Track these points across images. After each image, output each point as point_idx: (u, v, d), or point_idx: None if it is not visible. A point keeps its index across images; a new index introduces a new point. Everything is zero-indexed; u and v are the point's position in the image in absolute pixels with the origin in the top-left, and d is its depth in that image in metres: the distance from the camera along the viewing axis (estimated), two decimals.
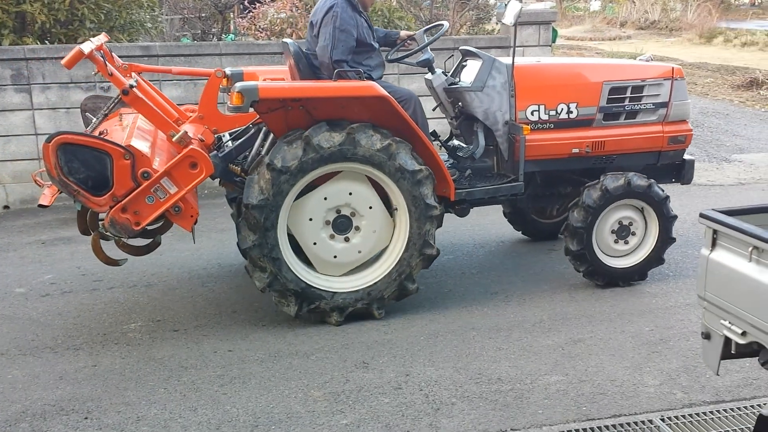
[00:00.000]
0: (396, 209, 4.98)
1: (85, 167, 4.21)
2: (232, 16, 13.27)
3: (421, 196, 4.85)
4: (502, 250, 6.44)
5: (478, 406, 3.93)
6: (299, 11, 9.28)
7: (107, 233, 4.46)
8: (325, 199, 4.84)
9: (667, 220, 5.42)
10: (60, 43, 8.61)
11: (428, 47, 5.46)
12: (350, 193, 4.87)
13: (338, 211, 4.89)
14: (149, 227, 4.71)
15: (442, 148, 5.67)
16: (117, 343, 4.70)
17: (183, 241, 6.63)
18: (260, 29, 9.33)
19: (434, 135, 5.54)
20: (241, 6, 12.46)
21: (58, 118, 7.95)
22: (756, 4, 39.75)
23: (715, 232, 2.74)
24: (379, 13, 9.09)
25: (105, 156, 4.22)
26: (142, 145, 4.57)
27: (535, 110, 5.38)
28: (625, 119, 5.60)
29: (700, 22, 26.80)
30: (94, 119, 5.14)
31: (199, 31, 12.27)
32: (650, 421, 3.75)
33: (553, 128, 5.44)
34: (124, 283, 5.70)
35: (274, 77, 5.40)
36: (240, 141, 5.15)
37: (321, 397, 4.02)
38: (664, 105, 5.63)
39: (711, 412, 3.81)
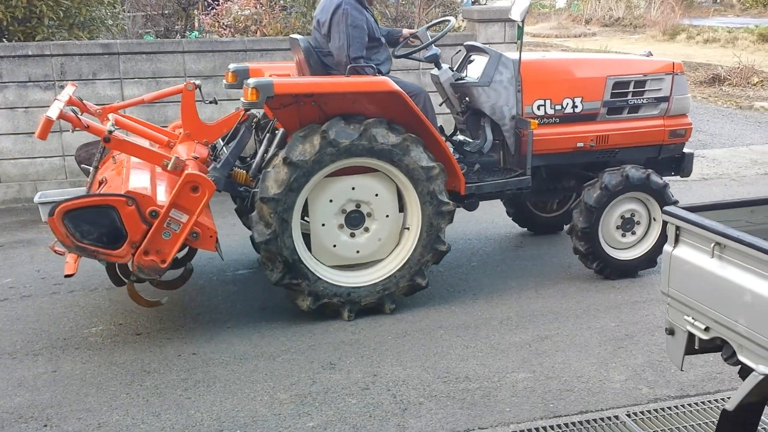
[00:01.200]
0: (408, 228, 5.06)
1: (94, 227, 4.22)
2: (196, 13, 13.11)
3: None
4: (469, 247, 6.43)
5: (446, 405, 3.91)
6: (263, 8, 9.18)
7: (139, 278, 4.51)
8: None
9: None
10: (18, 41, 8.43)
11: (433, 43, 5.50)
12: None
13: (356, 206, 4.92)
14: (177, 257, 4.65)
15: (448, 142, 5.67)
16: (78, 347, 4.60)
17: None
18: (224, 26, 9.22)
19: (440, 130, 5.52)
20: (206, 3, 12.31)
21: (16, 118, 7.77)
22: (717, 1, 40.36)
23: (677, 228, 2.75)
24: None
25: (109, 209, 4.23)
26: (141, 184, 4.54)
27: (542, 105, 5.45)
28: (628, 113, 5.69)
29: (663, 19, 27.10)
30: (91, 169, 5.15)
31: (162, 29, 12.11)
32: (616, 417, 3.76)
33: (559, 123, 5.51)
34: (85, 286, 5.59)
35: (280, 73, 5.40)
36: (233, 145, 5.05)
37: (287, 400, 3.97)
38: (666, 99, 5.73)
39: (676, 407, 3.83)
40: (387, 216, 4.97)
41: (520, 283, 5.55)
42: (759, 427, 2.94)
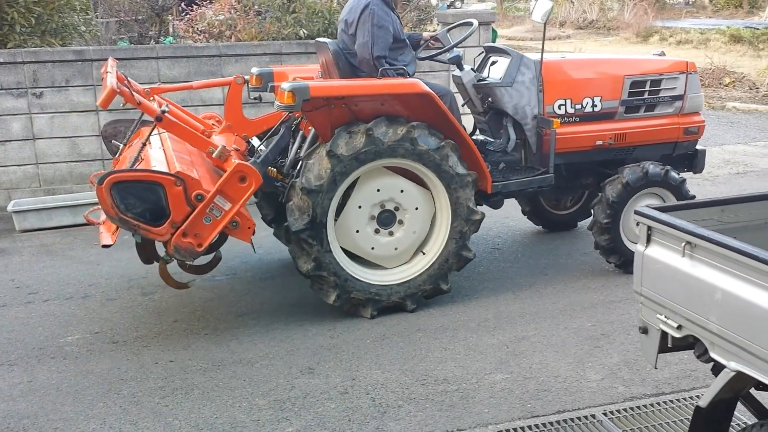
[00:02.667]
0: (424, 253, 5.17)
1: (140, 201, 4.27)
2: (170, 18, 13.03)
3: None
4: None
5: (425, 407, 3.92)
6: (238, 13, 9.15)
7: (172, 259, 4.57)
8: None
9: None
10: None
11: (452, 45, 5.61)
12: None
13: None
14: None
15: None
16: (53, 357, 4.56)
17: (121, 249, 6.47)
18: (198, 32, 9.18)
19: None
20: (180, 8, 12.25)
21: None
22: (690, 3, 40.82)
23: (649, 228, 2.78)
24: (320, 15, 9.03)
25: (157, 186, 4.28)
26: (186, 168, 4.59)
27: (562, 104, 5.58)
28: (644, 112, 5.83)
29: (636, 22, 27.35)
30: (121, 145, 5.25)
31: (136, 35, 12.03)
32: (593, 416, 3.79)
33: (579, 121, 5.65)
34: (60, 295, 5.54)
35: (303, 75, 5.48)
36: (274, 143, 5.18)
37: (266, 405, 3.96)
38: (680, 98, 5.88)
39: (652, 405, 3.88)
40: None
41: (498, 285, 5.58)
42: (732, 423, 2.99)
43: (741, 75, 16.00)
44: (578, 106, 5.62)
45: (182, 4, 12.05)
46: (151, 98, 5.35)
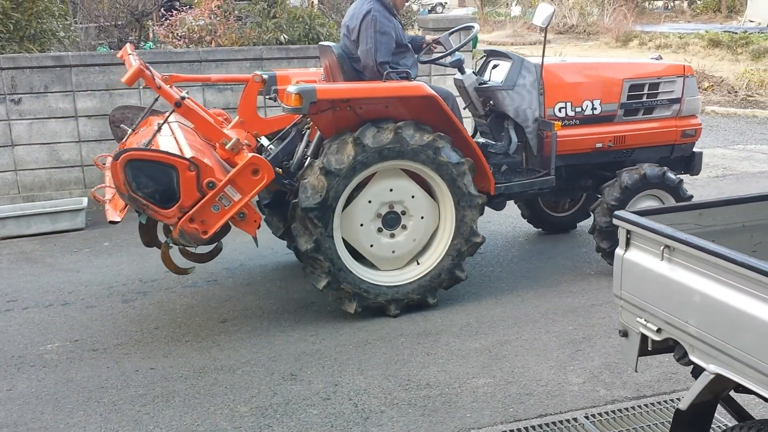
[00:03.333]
0: (419, 263, 5.23)
1: (152, 181, 4.27)
2: (150, 23, 12.96)
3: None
4: None
5: (407, 412, 3.92)
6: (218, 18, 9.12)
7: (176, 244, 4.57)
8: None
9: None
10: None
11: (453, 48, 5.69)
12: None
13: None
14: None
15: None
16: (33, 365, 4.51)
17: (101, 257, 6.45)
18: (178, 37, 9.14)
19: None
20: (160, 13, 12.19)
21: None
22: (669, 7, 41.20)
23: (628, 232, 2.79)
24: (300, 20, 9.02)
25: (171, 169, 4.29)
26: (200, 155, 4.58)
27: (563, 107, 5.67)
28: (643, 114, 5.92)
29: (616, 26, 27.56)
30: (129, 130, 5.22)
31: (116, 40, 11.94)
32: (575, 419, 3.80)
33: (579, 124, 5.73)
34: (40, 302, 5.49)
35: (306, 79, 5.56)
36: (284, 144, 5.26)
37: (248, 412, 3.94)
38: (678, 101, 5.98)
39: (633, 408, 3.90)
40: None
41: (480, 290, 5.59)
42: (712, 425, 3.01)
43: (720, 79, 16.17)
44: (578, 109, 5.71)
45: (162, 10, 11.99)
46: (170, 85, 5.32)
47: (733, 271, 2.31)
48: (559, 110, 5.65)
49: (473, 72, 5.94)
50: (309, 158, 5.05)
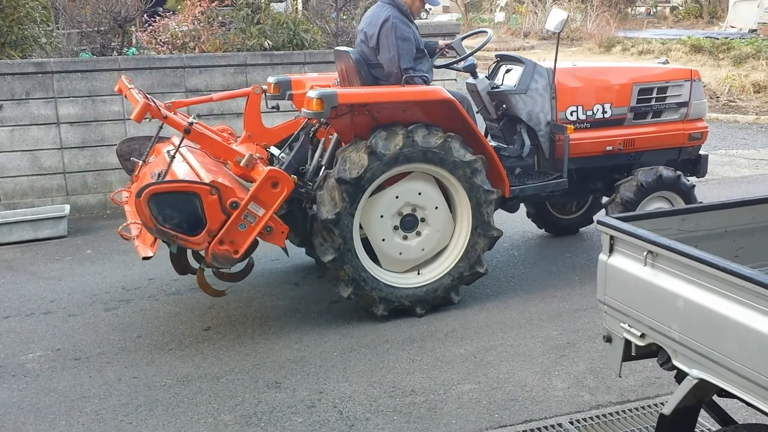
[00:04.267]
0: (419, 273, 5.27)
1: (177, 212, 4.30)
2: (133, 29, 12.87)
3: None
4: None
5: (393, 419, 3.90)
6: (202, 24, 9.08)
7: (209, 267, 4.60)
8: (397, 197, 5.08)
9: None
10: None
11: (462, 52, 5.79)
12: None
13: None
14: None
15: None
16: (14, 375, 4.46)
17: (83, 265, 6.40)
18: (161, 43, 9.09)
19: None
20: (143, 19, 12.12)
21: None
22: (651, 13, 41.52)
23: (612, 238, 2.80)
24: (284, 26, 9.01)
25: (193, 196, 4.32)
26: (218, 177, 4.64)
27: (574, 111, 5.75)
28: (651, 118, 6.01)
29: (599, 32, 27.73)
30: (139, 162, 5.34)
31: (99, 46, 11.86)
32: (559, 425, 3.80)
33: (590, 127, 5.81)
34: (21, 311, 5.43)
35: (320, 84, 5.57)
36: (295, 150, 5.25)
37: (231, 421, 3.91)
38: (685, 104, 6.07)
39: (617, 413, 3.90)
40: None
41: (464, 295, 5.56)
42: (696, 429, 3.01)
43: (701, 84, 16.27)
44: (589, 113, 5.80)
45: (145, 16, 11.92)
46: (174, 112, 5.38)
47: (715, 276, 2.32)
48: (571, 114, 5.74)
49: (486, 76, 6.03)
50: (324, 166, 5.10)
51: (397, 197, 5.07)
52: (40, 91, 7.70)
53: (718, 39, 21.58)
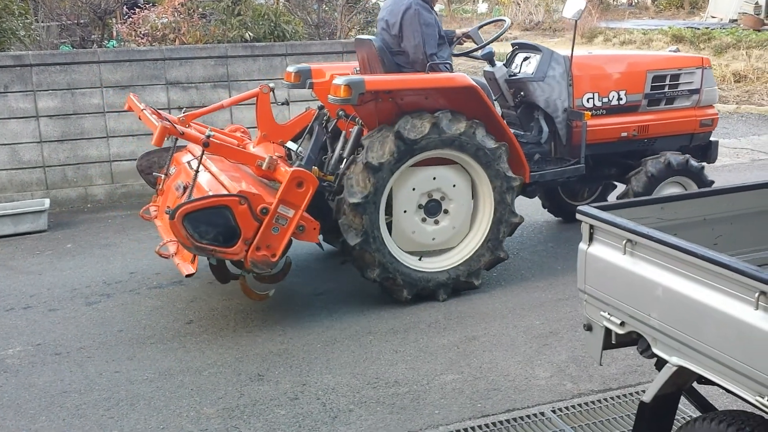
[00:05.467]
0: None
1: (212, 227, 4.40)
2: (113, 21, 12.76)
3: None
4: None
5: (376, 410, 3.91)
6: (182, 16, 9.01)
7: (251, 273, 4.71)
8: (414, 189, 5.17)
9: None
10: None
11: (480, 40, 5.89)
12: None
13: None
14: None
15: None
16: None
17: (64, 259, 6.34)
18: (141, 35, 9.01)
19: None
20: (123, 12, 12.02)
21: None
22: (633, 4, 41.64)
23: (591, 227, 2.80)
24: (265, 17, 8.95)
25: (224, 210, 4.42)
26: (244, 185, 4.73)
27: (590, 98, 5.86)
28: (665, 105, 6.14)
29: (581, 23, 27.71)
30: (162, 176, 5.46)
31: (78, 39, 11.76)
32: (542, 414, 3.82)
33: (606, 114, 5.93)
34: (1, 306, 5.38)
35: (340, 72, 5.57)
36: (312, 143, 5.37)
37: (214, 414, 3.90)
38: (697, 91, 6.20)
39: (599, 401, 3.92)
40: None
41: None
42: (677, 417, 3.03)
43: None
44: (605, 100, 5.90)
45: (125, 8, 11.83)
46: (187, 125, 5.39)
47: (693, 264, 2.32)
48: (587, 101, 5.84)
49: (503, 64, 6.10)
50: (348, 153, 5.15)
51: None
52: (19, 84, 7.61)
53: (699, 29, 21.66)
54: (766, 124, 11.96)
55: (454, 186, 5.23)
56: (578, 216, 2.86)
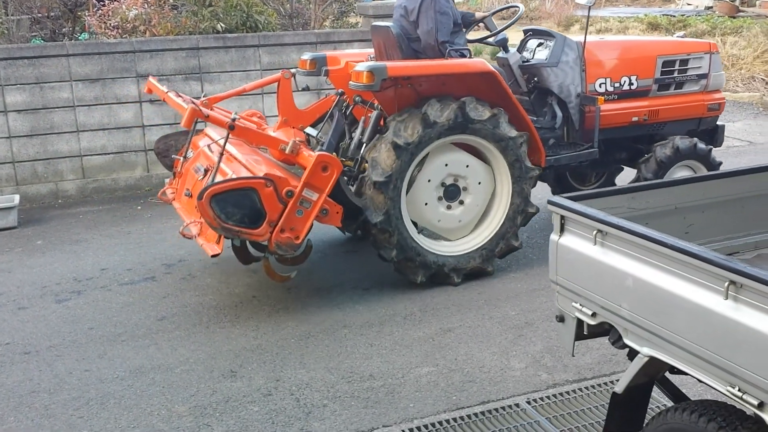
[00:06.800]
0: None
1: (238, 208, 4.47)
2: (86, 14, 12.55)
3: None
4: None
5: (350, 405, 3.87)
6: (153, 7, 8.87)
7: (275, 255, 4.82)
8: (429, 180, 5.25)
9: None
10: None
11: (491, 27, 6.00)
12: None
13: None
14: None
15: None
16: None
17: (34, 256, 6.24)
18: (111, 27, 8.86)
19: None
20: (94, 4, 11.82)
21: None
22: None
23: (562, 217, 2.78)
24: (237, 8, 8.83)
25: (251, 191, 4.49)
26: (264, 168, 4.79)
27: (603, 83, 5.94)
28: (674, 89, 6.22)
29: (557, 11, 27.78)
30: (180, 158, 5.50)
31: (49, 32, 11.56)
32: (517, 405, 3.80)
33: (617, 99, 6.00)
34: None
35: (355, 59, 5.70)
36: (333, 128, 5.42)
37: (186, 412, 3.84)
38: (705, 76, 6.29)
39: (574, 391, 3.91)
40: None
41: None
42: (651, 406, 3.02)
43: None
44: (617, 85, 5.97)
45: (96, 0, 11.63)
46: (210, 108, 5.36)
47: (663, 253, 2.30)
48: (600, 86, 5.91)
49: (517, 50, 6.16)
50: (367, 138, 5.24)
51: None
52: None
53: (674, 16, 21.75)
54: (741, 111, 12.02)
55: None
56: (549, 206, 2.83)
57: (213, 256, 4.62)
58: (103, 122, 7.88)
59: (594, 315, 2.68)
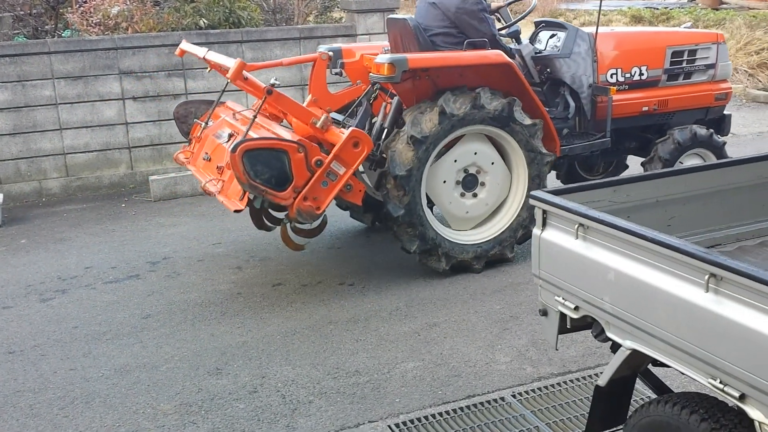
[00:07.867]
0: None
1: (268, 168, 4.51)
2: (69, 11, 12.45)
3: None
4: (358, 240, 6.39)
5: (336, 401, 3.87)
6: (135, 4, 8.81)
7: (293, 223, 4.95)
8: (455, 161, 5.34)
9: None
10: None
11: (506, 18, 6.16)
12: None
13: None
14: None
15: None
16: None
17: (18, 255, 6.20)
18: (93, 24, 8.80)
19: None
20: (77, 1, 11.72)
21: None
22: None
23: (544, 212, 2.79)
24: (220, 4, 8.78)
25: (282, 154, 4.55)
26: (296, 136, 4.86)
27: (614, 73, 6.05)
28: (683, 79, 6.33)
29: (541, 4, 27.78)
30: (201, 123, 5.56)
31: (31, 29, 11.45)
32: (502, 398, 3.82)
33: (628, 89, 6.10)
34: None
35: (370, 52, 5.74)
36: (360, 115, 5.52)
37: (171, 410, 3.83)
38: (713, 66, 6.40)
39: (559, 384, 3.93)
40: (492, 163, 5.43)
41: (409, 273, 5.55)
42: (635, 399, 3.04)
43: None
44: (628, 75, 6.08)
45: None
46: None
47: (644, 247, 2.31)
48: (611, 76, 6.01)
49: (529, 41, 6.23)
50: (389, 124, 5.39)
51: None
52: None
53: (658, 9, 21.83)
54: None
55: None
56: (531, 201, 2.84)
57: (235, 211, 4.69)
58: (86, 120, 7.83)
59: (576, 309, 2.69)
